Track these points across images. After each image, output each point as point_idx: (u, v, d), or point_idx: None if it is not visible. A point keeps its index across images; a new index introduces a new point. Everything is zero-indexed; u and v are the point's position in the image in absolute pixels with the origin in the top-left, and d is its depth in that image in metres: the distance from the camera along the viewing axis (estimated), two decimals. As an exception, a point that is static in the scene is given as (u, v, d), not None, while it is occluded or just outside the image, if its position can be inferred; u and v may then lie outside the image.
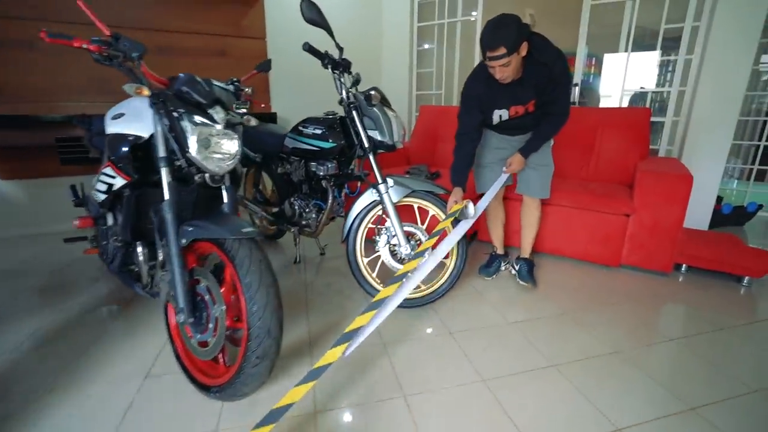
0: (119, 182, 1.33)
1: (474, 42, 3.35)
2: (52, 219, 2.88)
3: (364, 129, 1.79)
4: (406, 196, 1.83)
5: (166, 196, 1.24)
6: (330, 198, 2.05)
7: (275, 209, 2.40)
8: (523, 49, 1.57)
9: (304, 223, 2.21)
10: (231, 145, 1.32)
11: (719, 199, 2.98)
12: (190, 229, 1.21)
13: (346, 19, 3.59)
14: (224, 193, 1.41)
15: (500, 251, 2.32)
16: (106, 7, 2.75)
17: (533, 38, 1.68)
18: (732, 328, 1.73)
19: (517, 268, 2.19)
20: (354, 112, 1.78)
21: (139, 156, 1.39)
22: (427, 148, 3.29)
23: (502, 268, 2.30)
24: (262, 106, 3.02)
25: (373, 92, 1.70)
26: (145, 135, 1.32)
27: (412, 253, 1.83)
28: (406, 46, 3.65)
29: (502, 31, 1.52)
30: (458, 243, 1.83)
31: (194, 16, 3.03)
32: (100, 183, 1.38)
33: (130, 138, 1.36)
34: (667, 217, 2.11)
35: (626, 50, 2.98)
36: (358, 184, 2.01)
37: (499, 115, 1.89)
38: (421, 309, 1.87)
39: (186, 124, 1.23)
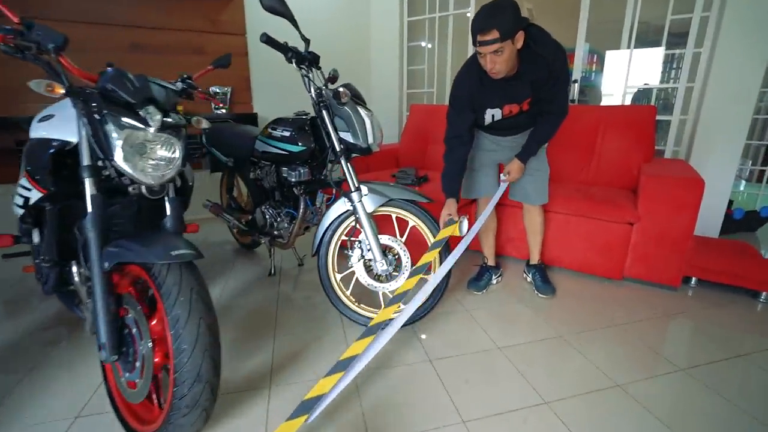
0: (35, 195, 1.15)
1: (467, 37, 3.16)
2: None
3: (335, 130, 1.60)
4: (382, 206, 1.64)
5: (89, 210, 1.06)
6: (302, 206, 1.87)
7: (249, 217, 2.22)
8: (519, 40, 1.42)
9: (276, 233, 2.03)
10: (168, 152, 1.14)
11: (730, 203, 2.77)
12: (115, 250, 1.03)
13: (330, 11, 3.41)
14: (167, 206, 1.23)
15: (491, 263, 2.13)
16: (72, 0, 2.58)
17: (531, 29, 1.50)
18: (749, 354, 1.53)
19: (530, 278, 2.08)
20: (324, 112, 1.59)
21: (69, 164, 1.22)
22: (418, 150, 3.10)
23: (494, 281, 2.11)
24: (221, 106, 2.82)
25: (341, 89, 1.51)
26: (74, 140, 1.14)
27: (390, 269, 1.65)
28: (396, 41, 3.46)
29: (497, 14, 1.36)
30: (441, 254, 1.64)
31: (168, 10, 2.85)
32: (18, 196, 1.21)
33: (56, 143, 1.19)
34: (675, 226, 1.91)
35: (629, 46, 2.78)
36: (333, 191, 1.82)
37: (492, 114, 1.72)
38: (401, 331, 1.68)
39: (110, 128, 1.05)
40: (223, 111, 3.05)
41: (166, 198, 1.24)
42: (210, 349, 0.97)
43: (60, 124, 1.19)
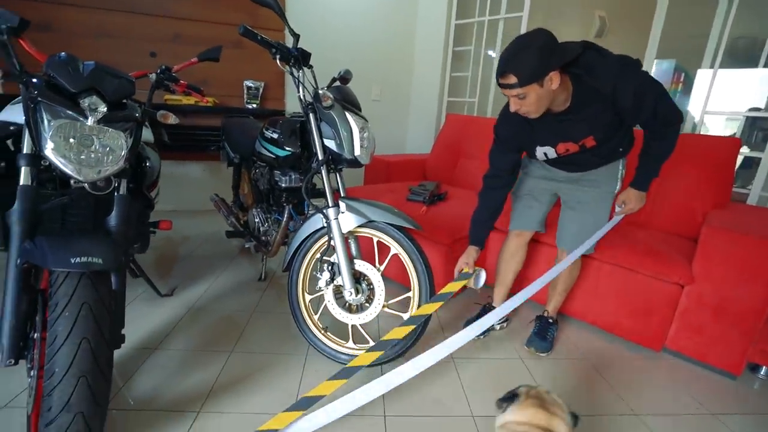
0: (-25, 178, 1.13)
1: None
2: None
3: (320, 136, 1.44)
4: (361, 226, 1.44)
5: (17, 201, 1.00)
6: (285, 215, 1.73)
7: (246, 217, 2.15)
8: (553, 81, 1.15)
9: (263, 238, 1.92)
10: (108, 147, 1.05)
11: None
12: (29, 247, 0.95)
13: (376, 13, 3.26)
14: (114, 204, 1.15)
15: (496, 304, 1.82)
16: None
17: (586, 56, 1.21)
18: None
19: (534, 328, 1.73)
20: (311, 116, 1.43)
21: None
22: (448, 163, 2.84)
23: (496, 327, 1.80)
24: (206, 101, 2.73)
25: (322, 91, 1.34)
26: None
27: (361, 299, 1.44)
28: (440, 45, 3.22)
29: (518, 56, 1.13)
30: (420, 277, 1.40)
31: (211, 4, 2.89)
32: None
33: (13, 128, 1.16)
34: (743, 298, 1.48)
35: (712, 66, 2.27)
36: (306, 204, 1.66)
37: (544, 152, 1.44)
38: (354, 378, 1.46)
39: (42, 116, 0.97)
40: (254, 106, 3.04)
41: (115, 194, 1.16)
42: (88, 376, 0.85)
43: (20, 109, 1.16)
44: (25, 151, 1.03)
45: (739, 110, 2.90)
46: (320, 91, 1.34)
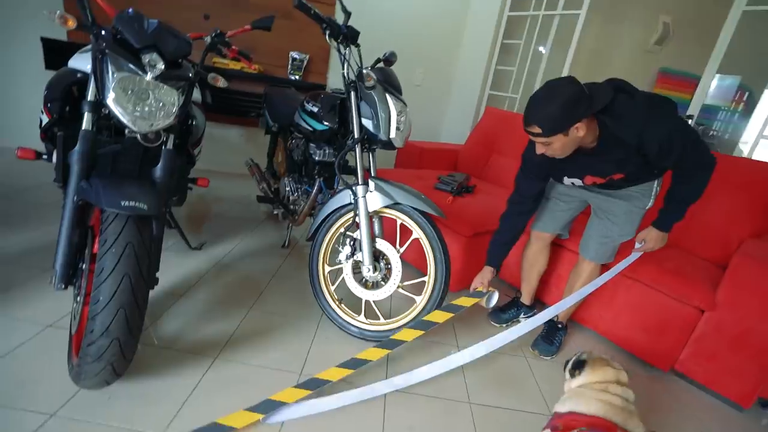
0: (44, 119, 1.23)
1: (570, 44, 2.73)
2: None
3: (359, 115, 1.47)
4: (389, 207, 1.48)
5: (78, 144, 1.09)
6: (315, 188, 1.79)
7: (277, 185, 2.23)
8: (579, 129, 1.16)
9: (292, 207, 1.99)
10: (162, 102, 1.12)
11: None
12: (85, 186, 1.05)
13: (427, 4, 3.21)
14: (161, 157, 1.24)
15: (525, 300, 1.84)
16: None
17: (616, 102, 1.19)
18: None
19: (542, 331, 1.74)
20: (352, 94, 1.47)
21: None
22: (480, 156, 2.81)
23: (521, 320, 1.83)
24: (254, 68, 2.71)
25: (365, 71, 1.36)
26: None
27: (378, 277, 1.50)
28: (489, 36, 3.14)
29: (544, 107, 1.15)
30: (437, 265, 1.45)
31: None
32: (39, 118, 1.30)
33: (80, 75, 1.25)
34: (766, 333, 1.44)
35: None
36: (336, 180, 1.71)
37: (572, 182, 1.46)
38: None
39: (108, 68, 1.05)
40: (297, 77, 3.09)
41: (163, 148, 1.24)
42: (126, 308, 0.94)
43: (88, 58, 1.25)
44: (89, 99, 1.11)
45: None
46: (364, 71, 1.37)
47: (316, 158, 1.78)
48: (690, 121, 2.39)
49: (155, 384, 1.19)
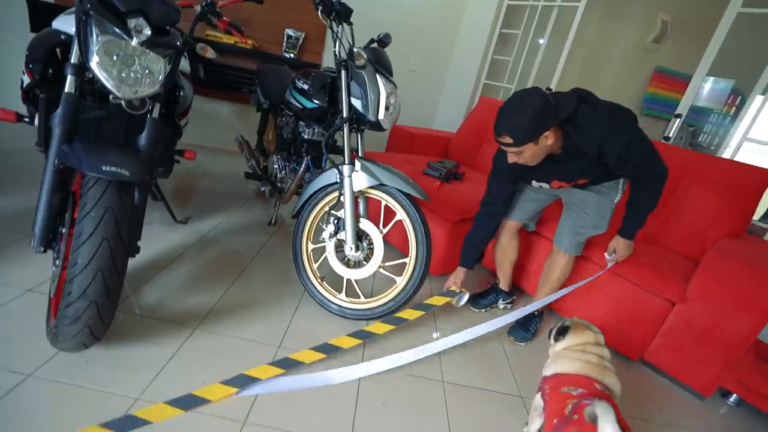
0: (26, 80, 1.21)
1: (567, 35, 2.73)
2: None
3: (348, 94, 1.47)
4: (374, 188, 1.50)
5: (60, 106, 1.08)
6: (302, 166, 1.79)
7: (266, 163, 2.22)
8: (547, 138, 1.24)
9: (279, 185, 1.99)
10: (148, 69, 1.11)
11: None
12: (66, 150, 1.04)
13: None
14: (146, 125, 1.23)
15: (503, 286, 1.88)
16: None
17: (579, 113, 1.25)
18: None
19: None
20: (342, 72, 1.46)
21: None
22: (471, 145, 2.83)
23: (500, 305, 1.88)
24: (246, 41, 2.53)
25: (357, 49, 1.36)
26: None
27: (360, 256, 1.52)
28: (488, 24, 3.13)
29: (515, 117, 1.20)
30: (419, 247, 1.48)
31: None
32: (21, 79, 1.28)
33: (63, 36, 1.23)
34: (730, 327, 1.49)
35: (764, 92, 2.17)
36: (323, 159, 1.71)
37: (540, 185, 1.53)
38: (338, 325, 1.56)
39: (92, 30, 1.03)
40: (292, 56, 3.05)
41: (148, 116, 1.23)
42: (105, 272, 0.95)
43: (72, 20, 1.22)
44: (72, 61, 1.09)
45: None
46: (355, 49, 1.36)
47: (305, 136, 1.78)
48: (678, 121, 2.42)
49: (134, 350, 1.20)
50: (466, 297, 1.65)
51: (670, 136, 2.44)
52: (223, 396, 1.12)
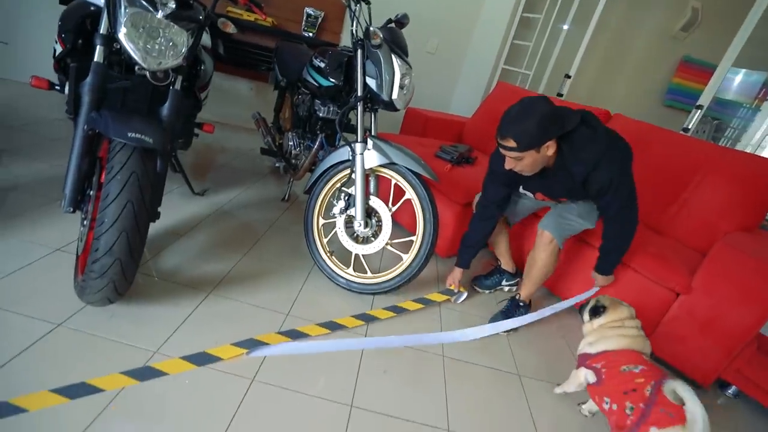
0: (58, 49, 1.27)
1: (589, 23, 2.66)
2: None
3: (363, 73, 1.49)
4: (385, 167, 1.53)
5: (89, 75, 1.14)
6: (317, 143, 1.83)
7: (281, 140, 2.27)
8: (549, 148, 1.26)
9: (293, 162, 2.04)
10: (172, 41, 1.15)
11: None
12: (95, 116, 1.11)
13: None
14: (168, 96, 1.28)
15: (506, 267, 1.91)
16: None
17: (576, 133, 1.28)
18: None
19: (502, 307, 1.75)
20: (359, 52, 1.48)
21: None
22: (485, 130, 2.81)
23: (504, 286, 1.92)
24: (266, 18, 2.48)
25: (373, 28, 1.38)
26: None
27: (369, 232, 1.57)
28: (509, 8, 3.06)
29: (521, 122, 1.20)
30: (426, 225, 1.52)
31: None
32: (53, 48, 1.34)
33: (93, 8, 1.28)
34: (735, 317, 1.50)
35: None
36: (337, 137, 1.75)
37: (525, 192, 1.59)
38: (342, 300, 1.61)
39: (121, 2, 1.08)
40: (311, 34, 3.06)
41: (171, 88, 1.28)
42: (128, 232, 1.02)
43: None
44: (101, 32, 1.15)
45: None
46: (371, 28, 1.38)
47: (320, 114, 1.82)
48: (699, 113, 2.37)
49: (153, 310, 1.28)
50: (464, 296, 1.75)
51: (690, 127, 2.39)
52: (233, 355, 1.19)
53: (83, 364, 1.04)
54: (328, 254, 1.65)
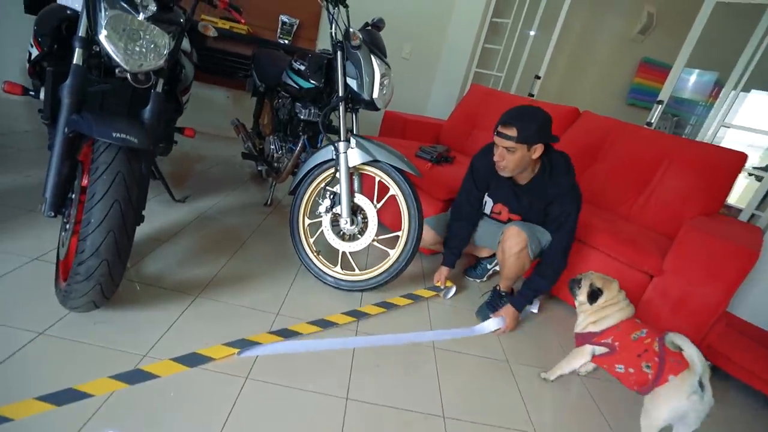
0: (34, 52, 1.25)
1: (554, 27, 2.81)
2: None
3: (344, 74, 1.53)
4: (368, 165, 1.56)
5: (69, 78, 1.12)
6: (299, 146, 1.85)
7: (262, 145, 2.27)
8: (536, 151, 1.43)
9: (275, 165, 2.05)
10: (153, 44, 1.16)
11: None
12: (76, 118, 1.09)
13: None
14: (150, 99, 1.27)
15: (485, 255, 1.98)
16: None
17: (557, 157, 1.52)
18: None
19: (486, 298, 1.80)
20: (339, 53, 1.52)
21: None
22: (462, 131, 2.90)
23: (489, 268, 1.99)
24: (243, 22, 2.51)
25: (352, 30, 1.42)
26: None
27: (355, 230, 1.59)
28: (479, 13, 3.19)
29: (525, 117, 1.40)
30: (411, 221, 1.55)
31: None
32: (27, 51, 1.32)
33: (69, 12, 1.27)
34: (702, 295, 1.60)
35: (737, 81, 2.26)
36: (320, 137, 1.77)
37: (485, 201, 1.74)
38: (331, 298, 1.63)
39: (101, 5, 1.08)
40: (286, 42, 3.08)
41: (152, 91, 1.28)
42: (116, 232, 1.00)
43: None
44: (80, 34, 1.14)
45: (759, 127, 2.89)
46: (351, 29, 1.42)
47: (302, 117, 1.83)
48: (659, 107, 2.52)
49: (139, 314, 1.26)
50: (453, 291, 1.79)
51: (652, 122, 2.54)
52: (225, 355, 1.18)
53: (69, 371, 1.01)
54: (315, 254, 1.66)
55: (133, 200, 1.04)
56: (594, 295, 1.37)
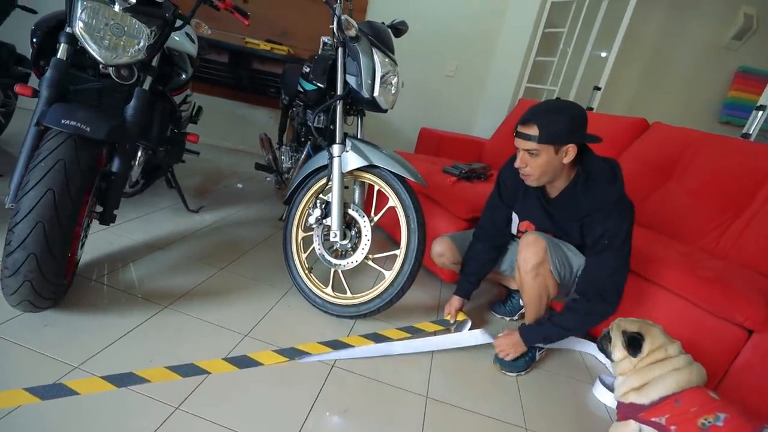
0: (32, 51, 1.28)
1: (614, 34, 2.44)
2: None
3: (344, 71, 1.38)
4: (363, 169, 1.36)
5: (48, 70, 1.11)
6: (303, 153, 1.72)
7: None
8: (568, 154, 1.11)
9: (286, 176, 1.94)
10: (131, 36, 1.11)
11: None
12: (46, 110, 1.06)
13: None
14: (134, 95, 1.23)
15: (515, 287, 1.62)
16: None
17: (598, 162, 1.18)
18: None
19: None
20: (339, 50, 1.38)
21: None
22: (506, 150, 2.56)
23: (522, 304, 1.60)
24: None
25: (345, 17, 1.27)
26: None
27: (347, 245, 1.38)
28: (530, 24, 2.92)
29: (548, 113, 1.10)
30: (410, 237, 1.30)
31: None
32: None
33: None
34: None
35: None
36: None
37: (512, 218, 1.41)
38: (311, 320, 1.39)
39: None
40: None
41: (137, 87, 1.24)
42: (46, 224, 0.91)
43: None
44: (66, 30, 1.13)
45: None
46: (344, 17, 1.27)
47: (309, 122, 1.71)
48: (760, 114, 2.00)
49: (95, 319, 1.15)
50: (468, 326, 1.43)
51: (750, 132, 2.01)
52: (163, 379, 1.01)
53: (-13, 377, 0.91)
54: (307, 271, 1.47)
55: (72, 191, 0.95)
56: (634, 343, 1.01)
